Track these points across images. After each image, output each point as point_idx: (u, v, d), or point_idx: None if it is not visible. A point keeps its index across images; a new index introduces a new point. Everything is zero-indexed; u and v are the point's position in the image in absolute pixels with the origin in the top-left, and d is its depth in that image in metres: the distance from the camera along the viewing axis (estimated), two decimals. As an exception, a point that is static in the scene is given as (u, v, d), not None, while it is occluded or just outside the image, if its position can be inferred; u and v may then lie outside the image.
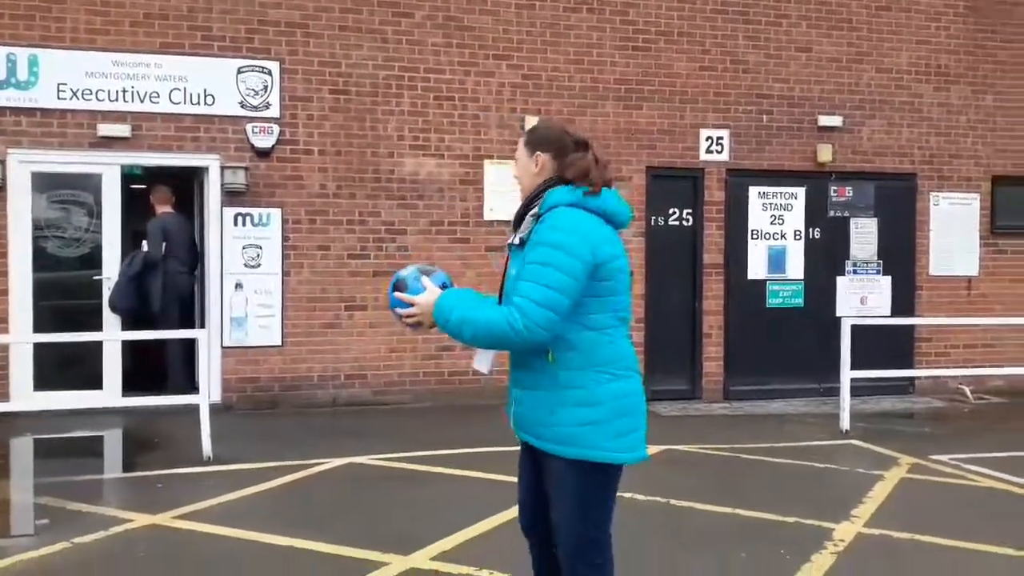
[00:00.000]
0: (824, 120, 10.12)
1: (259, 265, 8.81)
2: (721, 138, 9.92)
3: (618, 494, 3.04)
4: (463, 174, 9.34)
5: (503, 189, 9.36)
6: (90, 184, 8.59)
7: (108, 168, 8.60)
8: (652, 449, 6.66)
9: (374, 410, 8.84)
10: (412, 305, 2.99)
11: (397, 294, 3.05)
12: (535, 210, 2.93)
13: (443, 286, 3.04)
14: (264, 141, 8.81)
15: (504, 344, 2.84)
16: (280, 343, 8.88)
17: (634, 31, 9.74)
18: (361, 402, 8.98)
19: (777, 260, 10.08)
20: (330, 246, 9.00)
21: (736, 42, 9.99)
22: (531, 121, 9.40)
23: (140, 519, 5.33)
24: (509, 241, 3.04)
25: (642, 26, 9.75)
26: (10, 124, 8.28)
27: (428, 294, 2.97)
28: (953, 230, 10.55)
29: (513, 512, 5.34)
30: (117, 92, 8.46)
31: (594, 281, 2.86)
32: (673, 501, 5.72)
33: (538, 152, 3.01)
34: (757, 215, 10.05)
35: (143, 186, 9.47)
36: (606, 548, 2.98)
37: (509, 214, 10.07)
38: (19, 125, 8.30)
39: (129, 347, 8.86)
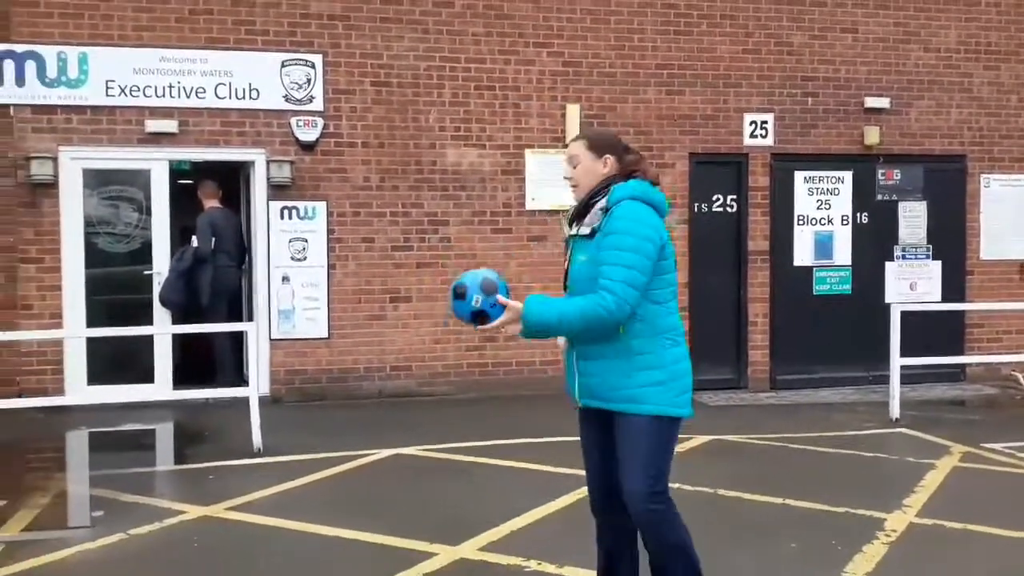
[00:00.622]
0: (871, 102, 9.92)
1: (305, 258, 8.91)
2: (765, 122, 9.78)
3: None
4: (504, 164, 9.33)
5: (544, 178, 9.34)
6: (139, 180, 8.75)
7: (156, 163, 8.75)
8: (699, 439, 6.63)
9: (419, 401, 8.92)
10: (503, 308, 3.26)
11: (499, 298, 3.27)
12: (602, 203, 3.32)
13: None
14: (308, 135, 8.89)
15: (598, 326, 3.22)
16: (327, 335, 8.97)
17: (675, 15, 9.63)
18: (406, 393, 9.06)
19: (824, 246, 9.94)
20: (374, 238, 9.07)
21: (780, 24, 9.83)
22: (572, 109, 9.37)
23: (193, 511, 5.43)
24: (574, 232, 3.41)
25: (684, 9, 9.64)
26: (61, 122, 8.45)
27: (513, 303, 3.28)
28: (1004, 213, 10.30)
29: (561, 502, 5.42)
30: (164, 88, 8.59)
31: (658, 261, 3.31)
32: (721, 491, 5.69)
33: (607, 155, 3.42)
34: (803, 200, 9.91)
35: (190, 181, 9.60)
36: (667, 491, 3.41)
37: (551, 203, 10.07)
38: (70, 123, 8.47)
39: (179, 341, 9.03)
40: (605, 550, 3.62)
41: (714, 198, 9.76)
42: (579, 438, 3.60)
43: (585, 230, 3.33)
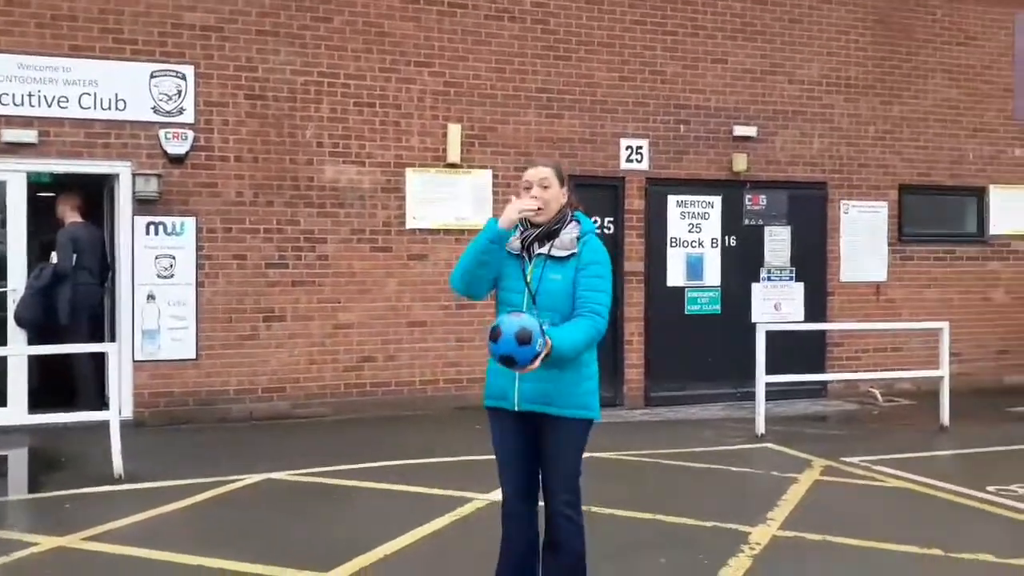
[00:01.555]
0: (739, 130, 10.36)
1: (172, 276, 8.57)
2: (640, 147, 10.07)
3: (541, 505, 3.82)
4: (384, 182, 9.26)
5: (426, 197, 9.32)
6: (-7, 192, 8.26)
7: (13, 175, 8.26)
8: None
9: (293, 424, 8.69)
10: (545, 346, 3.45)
11: (536, 341, 3.43)
12: (575, 232, 3.69)
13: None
14: (178, 147, 8.58)
15: (593, 345, 3.63)
16: (195, 356, 8.64)
17: (555, 40, 9.81)
18: (280, 416, 8.82)
19: (695, 267, 10.28)
20: (247, 255, 8.81)
21: (655, 53, 10.16)
22: (454, 129, 9.40)
23: (46, 542, 5.12)
24: (545, 252, 3.66)
25: (563, 36, 9.84)
26: (-94, 129, 7.90)
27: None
28: (862, 237, 10.92)
29: (435, 524, 5.37)
30: (23, 96, 8.15)
31: None
32: (595, 509, 5.72)
33: (565, 186, 3.79)
34: (676, 223, 10.24)
35: (51, 194, 9.10)
36: None
37: (432, 222, 9.95)
38: (-84, 130, 7.93)
39: (36, 362, 8.49)
40: (515, 558, 3.83)
41: (593, 220, 9.91)
42: (497, 445, 3.80)
43: (562, 253, 3.64)
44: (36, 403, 8.23)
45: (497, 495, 5.91)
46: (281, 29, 8.92)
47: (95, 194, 9.19)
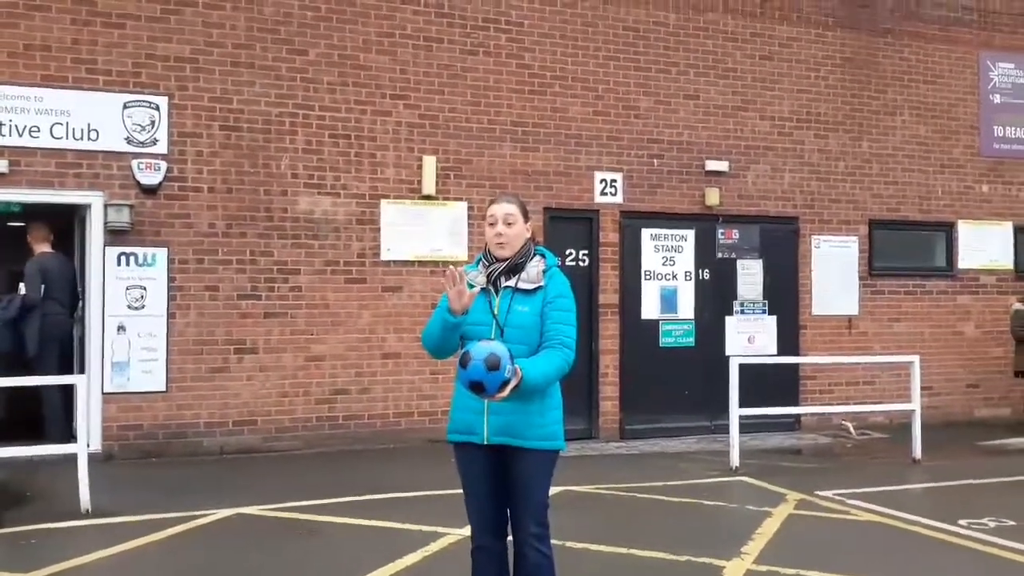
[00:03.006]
0: (711, 165, 10.49)
1: (143, 307, 8.47)
2: (615, 181, 10.15)
3: (510, 539, 3.82)
4: (359, 213, 9.25)
5: (401, 229, 9.32)
6: (-38, 222, 8.16)
7: (-18, 205, 8.18)
8: (551, 490, 6.66)
9: (265, 457, 8.57)
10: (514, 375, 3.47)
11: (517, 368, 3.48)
12: (541, 265, 3.76)
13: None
14: (150, 178, 8.53)
15: (563, 375, 3.68)
16: (165, 388, 8.52)
17: (530, 75, 9.91)
18: (251, 449, 8.70)
19: (669, 300, 10.34)
20: (219, 286, 8.75)
21: (628, 88, 10.28)
22: (429, 161, 9.43)
23: (8, 580, 5.01)
24: (512, 285, 3.72)
25: (537, 70, 9.93)
26: None
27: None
28: (833, 271, 11.04)
29: (408, 560, 5.30)
30: (-8, 126, 8.09)
31: None
32: (569, 543, 5.69)
33: (528, 222, 3.86)
34: (650, 256, 10.30)
35: (21, 224, 9.00)
36: None
37: (407, 254, 9.91)
38: None
39: (3, 394, 8.34)
40: None
41: (567, 252, 10.00)
42: (464, 479, 3.81)
43: (529, 286, 3.70)
44: (2, 436, 8.03)
45: (464, 530, 5.89)
46: (256, 61, 8.94)
47: (66, 224, 9.10)
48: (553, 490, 7.09)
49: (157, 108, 8.59)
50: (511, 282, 3.71)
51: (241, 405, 8.76)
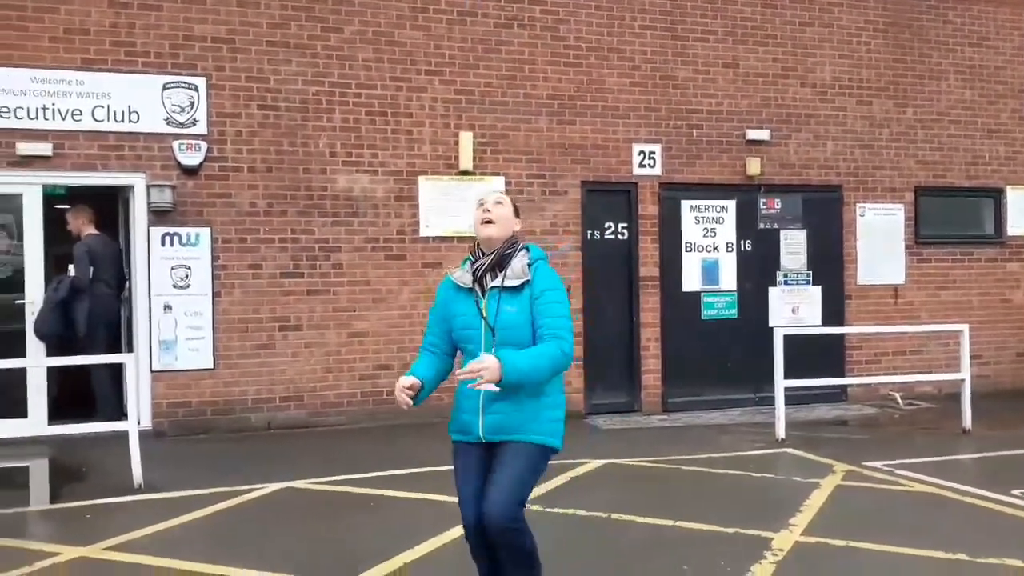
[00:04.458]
0: (752, 134, 10.33)
1: (188, 286, 8.59)
2: (653, 152, 10.04)
3: (561, 511, 4.02)
4: (397, 190, 9.26)
5: (439, 205, 9.32)
6: (10, 204, 8.30)
7: (29, 188, 8.30)
8: (593, 463, 6.66)
9: (310, 432, 8.68)
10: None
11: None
12: (525, 260, 3.70)
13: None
14: (191, 159, 8.61)
15: (560, 368, 3.59)
16: (212, 366, 8.65)
17: (565, 47, 9.81)
18: (297, 424, 8.81)
19: (710, 272, 10.24)
20: (262, 265, 8.83)
21: (665, 58, 10.14)
22: (465, 137, 9.39)
23: (68, 552, 5.12)
24: (498, 284, 3.64)
25: (573, 42, 9.83)
26: (-78, 142, 7.95)
27: (488, 356, 3.46)
28: (879, 240, 10.85)
29: (456, 532, 5.32)
30: (37, 110, 8.20)
31: None
32: (615, 515, 5.72)
33: (518, 219, 3.84)
34: (690, 228, 10.20)
35: (66, 206, 9.13)
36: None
37: (445, 230, 9.95)
38: (-68, 143, 7.98)
39: (56, 373, 8.50)
40: (486, 566, 3.80)
41: (606, 225, 9.94)
42: (456, 469, 3.76)
43: (515, 282, 3.62)
44: (56, 414, 8.25)
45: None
46: (291, 40, 8.95)
47: (110, 206, 9.22)
48: (596, 463, 7.19)
49: (195, 89, 8.65)
50: (497, 281, 3.64)
51: (287, 381, 8.86)
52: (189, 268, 8.59)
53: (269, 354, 8.83)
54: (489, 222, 3.68)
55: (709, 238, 10.26)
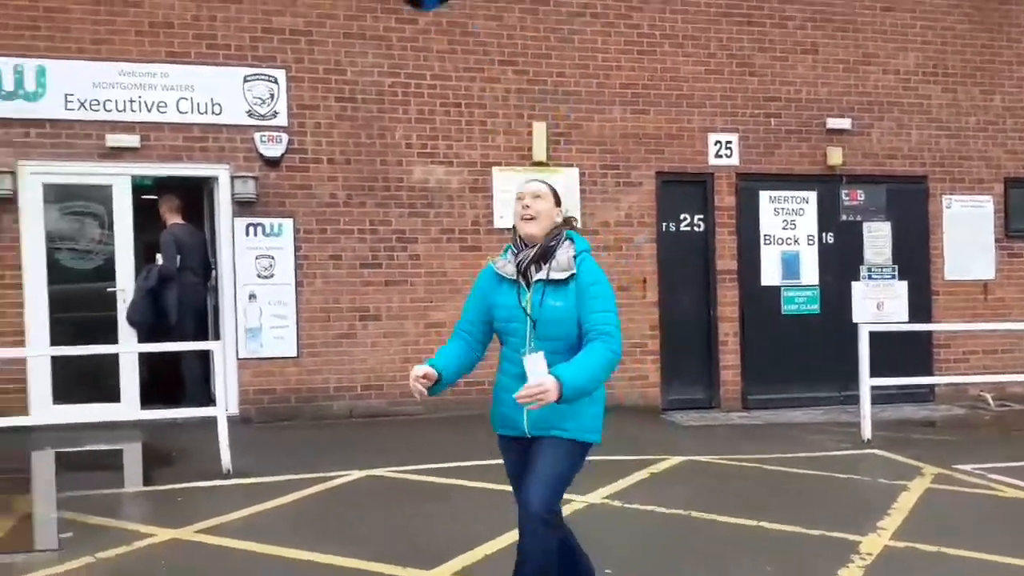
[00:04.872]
0: (833, 123, 10.10)
1: (272, 275, 8.77)
2: (730, 142, 9.89)
3: (639, 507, 4.08)
4: (471, 181, 9.29)
5: (512, 196, 9.29)
6: (101, 195, 8.55)
7: (118, 179, 8.54)
8: (672, 460, 6.58)
9: (390, 421, 8.80)
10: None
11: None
12: (571, 252, 3.56)
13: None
14: (273, 150, 8.76)
15: (613, 370, 3.48)
16: (296, 354, 8.83)
17: (639, 35, 9.71)
18: (377, 413, 8.94)
19: (791, 265, 10.06)
20: (342, 255, 8.96)
21: (741, 45, 9.97)
22: (539, 127, 9.37)
23: (162, 533, 5.29)
24: (544, 277, 3.52)
25: (647, 30, 9.73)
26: (19, 135, 8.22)
27: (547, 378, 3.32)
28: (967, 233, 10.52)
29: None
30: (125, 102, 8.42)
31: None
32: (694, 514, 5.67)
33: (559, 208, 3.67)
34: (769, 220, 10.03)
35: (153, 196, 9.38)
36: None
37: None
38: (28, 136, 8.24)
39: (146, 360, 8.76)
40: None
41: (681, 217, 9.83)
42: (510, 471, 3.75)
43: (561, 275, 3.50)
44: (147, 399, 8.51)
45: (594, 497, 5.92)
46: (368, 31, 9.02)
47: (195, 196, 9.45)
48: (674, 460, 7.13)
49: (275, 81, 8.78)
50: (542, 274, 3.51)
51: (367, 370, 8.99)
52: (273, 258, 8.76)
53: (350, 343, 8.97)
54: (530, 219, 3.55)
55: (789, 230, 10.07)
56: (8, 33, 8.18)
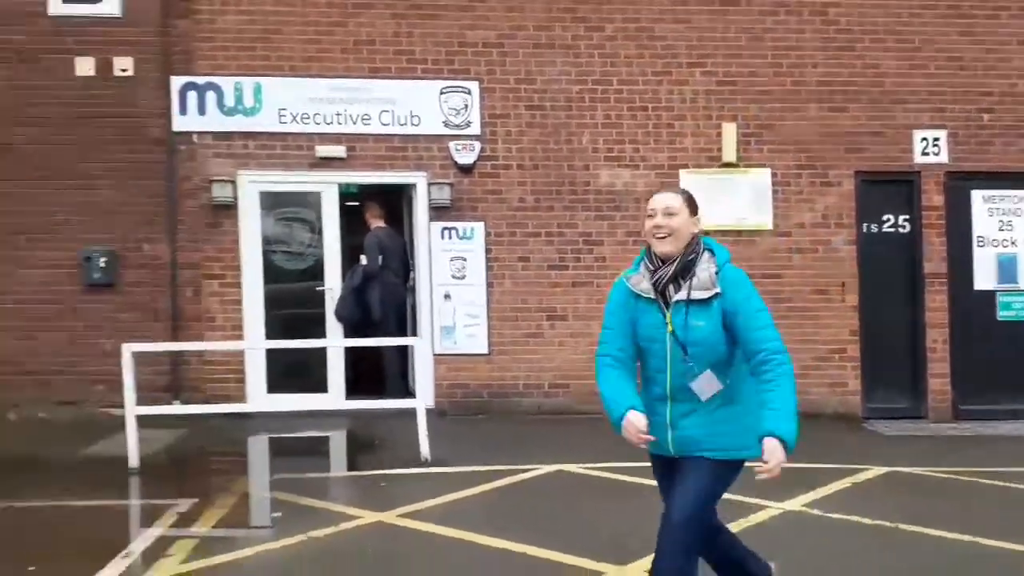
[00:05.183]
0: (1053, 116, 9.31)
1: (465, 276, 9.09)
2: (937, 139, 9.32)
3: (841, 516, 3.90)
4: (658, 184, 9.22)
5: (701, 198, 9.14)
6: (310, 201, 9.18)
7: (327, 187, 9.14)
8: (875, 470, 6.25)
9: (578, 419, 8.83)
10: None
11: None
12: (712, 266, 3.32)
13: None
14: (466, 158, 9.10)
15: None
16: (487, 351, 9.10)
17: (836, 31, 9.36)
18: (564, 410, 9.03)
19: (1008, 269, 9.33)
20: (530, 257, 9.16)
21: (949, 38, 9.39)
22: (729, 128, 9.21)
23: (367, 516, 5.57)
24: (684, 297, 3.29)
25: (844, 26, 9.36)
26: (239, 148, 8.97)
27: (773, 450, 3.18)
28: None
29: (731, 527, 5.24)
30: (333, 115, 8.98)
31: None
32: (902, 526, 5.36)
33: (697, 216, 3.42)
34: (982, 221, 9.37)
35: (356, 203, 9.98)
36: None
37: (707, 224, 9.78)
38: (246, 148, 8.98)
39: (350, 354, 9.26)
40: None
41: (884, 218, 9.36)
42: (656, 478, 3.65)
43: (704, 295, 3.28)
44: (351, 391, 9.01)
45: (791, 504, 5.72)
46: (556, 41, 9.20)
47: (395, 201, 9.96)
48: (878, 470, 6.77)
49: (469, 92, 9.12)
50: (682, 294, 3.29)
51: (555, 369, 9.12)
52: (465, 260, 9.09)
53: (538, 343, 9.14)
54: (663, 238, 3.31)
55: (1005, 232, 9.36)
56: (229, 54, 8.96)
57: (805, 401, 8.98)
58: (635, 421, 3.27)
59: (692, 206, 3.38)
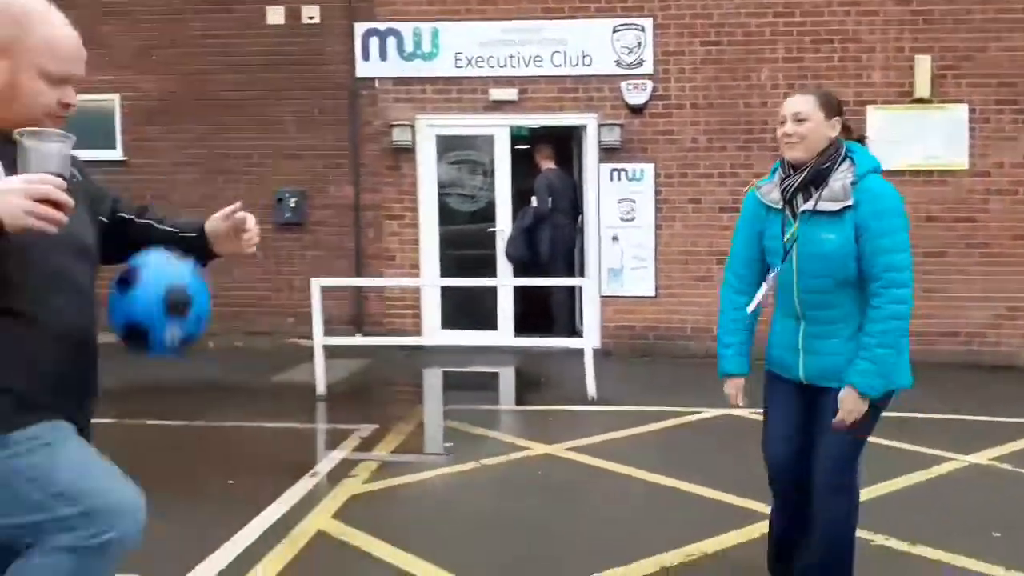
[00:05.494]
0: None
1: (633, 219, 9.07)
2: None
3: None
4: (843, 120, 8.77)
5: (889, 137, 8.66)
6: (483, 145, 9.40)
7: (499, 130, 9.32)
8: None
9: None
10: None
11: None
12: (848, 176, 3.03)
13: None
14: (637, 98, 8.99)
15: (908, 319, 3.00)
16: (654, 294, 9.09)
17: (1055, -51, 8.46)
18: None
19: None
20: (701, 199, 9.00)
21: None
22: (922, 60, 8.60)
23: (536, 447, 5.78)
24: (811, 208, 3.04)
25: (1064, -59, 8.45)
26: (417, 92, 9.27)
27: (846, 397, 3.02)
28: None
29: (910, 479, 5.05)
30: (505, 58, 9.09)
31: None
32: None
33: (837, 118, 3.13)
34: None
35: (527, 146, 10.11)
36: None
37: (896, 163, 9.23)
38: (424, 93, 9.27)
39: (519, 293, 9.48)
40: (780, 531, 3.44)
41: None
42: (767, 404, 3.34)
43: (834, 206, 3.00)
44: (520, 329, 9.27)
45: (977, 458, 5.44)
46: (746, -28, 8.84)
47: (565, 143, 10.02)
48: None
49: (642, 30, 8.96)
50: (809, 204, 3.02)
51: (723, 313, 8.98)
52: (634, 202, 9.05)
53: (707, 286, 8.97)
54: (791, 144, 3.07)
55: None
56: (409, 1, 9.20)
57: (999, 354, 8.47)
58: (730, 392, 3.31)
59: (828, 108, 3.10)
